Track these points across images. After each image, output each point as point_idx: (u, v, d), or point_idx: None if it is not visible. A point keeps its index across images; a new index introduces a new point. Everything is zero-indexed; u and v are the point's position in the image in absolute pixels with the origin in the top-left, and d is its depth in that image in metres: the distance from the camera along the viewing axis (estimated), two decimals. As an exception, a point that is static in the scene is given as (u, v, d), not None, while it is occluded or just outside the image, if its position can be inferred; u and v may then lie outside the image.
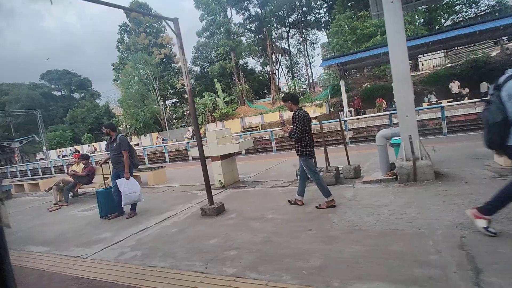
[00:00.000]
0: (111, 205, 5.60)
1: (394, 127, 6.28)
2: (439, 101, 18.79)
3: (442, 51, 24.58)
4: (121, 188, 5.31)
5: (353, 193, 4.68)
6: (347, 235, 3.19)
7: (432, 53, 23.96)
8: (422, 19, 28.52)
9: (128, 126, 36.90)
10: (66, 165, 20.49)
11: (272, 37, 42.87)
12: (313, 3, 42.92)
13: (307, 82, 42.95)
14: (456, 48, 22.37)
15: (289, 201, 4.66)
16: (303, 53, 44.21)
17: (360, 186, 5.01)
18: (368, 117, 17.79)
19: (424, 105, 19.04)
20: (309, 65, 43.26)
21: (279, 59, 46.23)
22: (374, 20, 24.96)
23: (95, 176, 8.17)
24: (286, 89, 46.18)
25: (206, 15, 34.82)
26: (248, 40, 38.48)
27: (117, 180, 5.37)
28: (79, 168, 8.12)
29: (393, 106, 21.09)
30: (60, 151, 40.60)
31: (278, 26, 46.43)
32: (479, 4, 29.22)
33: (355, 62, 19.12)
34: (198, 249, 3.43)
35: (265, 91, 47.60)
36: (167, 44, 41.40)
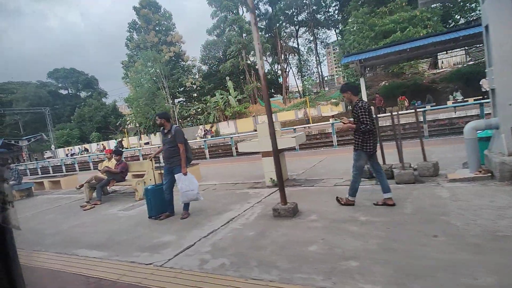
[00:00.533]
0: (161, 204, 5.04)
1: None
2: (465, 99, 18.16)
3: (464, 48, 23.96)
4: (179, 184, 4.76)
5: (450, 193, 4.08)
6: (495, 243, 2.60)
7: (452, 50, 23.33)
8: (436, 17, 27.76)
9: (137, 125, 36.43)
10: (92, 162, 20.05)
11: (282, 36, 42.37)
12: (322, 2, 42.29)
13: (318, 81, 42.33)
14: (478, 45, 21.71)
15: (375, 203, 4.09)
16: (313, 51, 43.62)
17: (451, 185, 4.41)
18: (401, 114, 17.03)
19: (449, 103, 18.44)
20: (319, 64, 42.63)
21: (288, 58, 45.70)
22: (394, 16, 24.37)
23: (128, 173, 7.64)
24: (295, 89, 45.72)
25: (218, 12, 34.28)
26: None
27: (175, 175, 4.81)
28: (111, 164, 7.59)
29: (416, 104, 20.49)
30: (68, 150, 40.19)
31: (287, 25, 45.91)
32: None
33: (378, 58, 18.47)
34: (301, 257, 2.86)
35: (272, 90, 47.05)
36: (176, 42, 40.97)
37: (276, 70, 45.48)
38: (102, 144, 37.72)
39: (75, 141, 51.69)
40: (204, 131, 29.52)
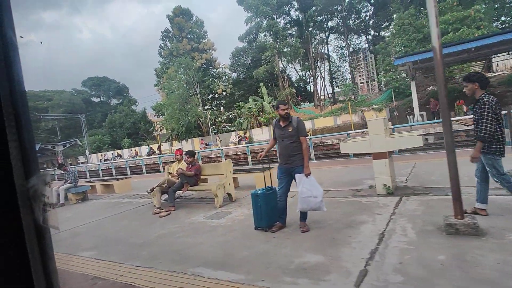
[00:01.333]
0: (272, 212, 4.16)
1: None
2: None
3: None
4: (299, 187, 3.88)
5: None
6: None
7: (508, 52, 21.54)
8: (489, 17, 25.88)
9: (169, 131, 36.42)
10: (162, 163, 19.77)
11: (312, 42, 41.50)
12: (358, 6, 41.14)
13: (354, 87, 40.92)
14: None
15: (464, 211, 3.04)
16: (346, 58, 42.40)
17: None
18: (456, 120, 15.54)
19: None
20: (354, 69, 41.29)
21: (319, 65, 44.62)
22: (445, 17, 22.89)
23: (200, 176, 6.88)
24: (324, 96, 44.50)
25: (254, 17, 33.99)
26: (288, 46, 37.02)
27: (296, 176, 3.93)
28: (182, 167, 6.87)
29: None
30: (102, 155, 40.82)
31: (317, 31, 45.03)
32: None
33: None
34: None
35: (300, 97, 45.99)
36: (208, 49, 41.09)
37: (304, 77, 44.53)
38: (135, 150, 37.98)
39: (106, 147, 52.79)
40: (239, 137, 28.89)
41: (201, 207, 6.21)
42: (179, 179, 6.56)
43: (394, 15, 26.04)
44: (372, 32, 44.70)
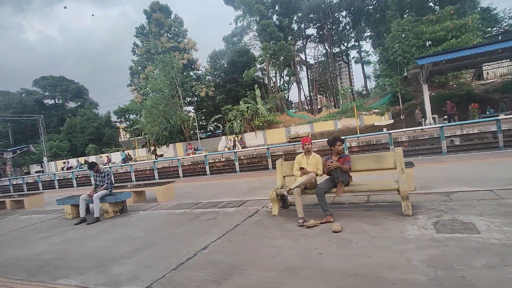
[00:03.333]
0: None
1: None
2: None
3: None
4: None
5: None
6: None
7: (498, 61, 22.62)
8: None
9: (148, 136, 32.85)
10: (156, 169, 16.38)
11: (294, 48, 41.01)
12: (330, 17, 41.42)
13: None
14: None
15: None
16: (330, 65, 42.56)
17: None
18: (472, 122, 15.28)
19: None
20: (338, 76, 41.51)
21: (298, 71, 44.19)
22: (445, 24, 23.44)
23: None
24: (307, 102, 44.07)
25: (247, 16, 32.33)
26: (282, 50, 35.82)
27: None
28: (314, 162, 4.90)
29: (488, 113, 19.09)
30: (64, 162, 35.58)
31: (297, 38, 44.83)
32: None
33: (459, 60, 16.97)
34: None
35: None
36: (189, 49, 38.50)
37: (291, 82, 43.81)
38: (107, 156, 33.66)
39: (65, 154, 46.75)
40: (234, 141, 26.74)
41: (369, 215, 4.30)
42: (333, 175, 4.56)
43: (392, 22, 26.14)
44: (351, 42, 45.72)
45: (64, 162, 35.28)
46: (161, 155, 30.45)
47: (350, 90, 32.01)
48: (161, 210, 6.77)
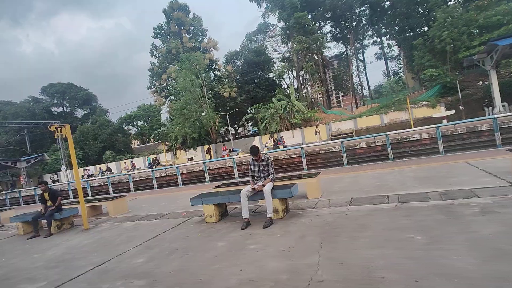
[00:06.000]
0: None
1: None
2: None
3: None
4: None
5: None
6: None
7: None
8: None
9: (173, 139, 31.09)
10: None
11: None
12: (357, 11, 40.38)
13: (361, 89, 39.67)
14: None
15: None
16: (353, 61, 41.31)
17: None
18: None
19: None
20: (362, 72, 40.27)
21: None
22: (500, 7, 22.16)
23: None
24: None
25: (275, 10, 30.92)
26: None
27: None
28: None
29: None
30: (84, 170, 33.67)
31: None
32: None
33: None
34: None
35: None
36: (211, 48, 37.05)
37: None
38: (132, 162, 31.85)
39: (78, 162, 44.78)
40: (274, 141, 25.11)
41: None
42: None
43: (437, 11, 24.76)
44: (370, 39, 44.59)
45: (84, 170, 33.33)
46: (191, 159, 28.71)
47: (396, 81, 30.38)
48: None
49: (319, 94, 33.30)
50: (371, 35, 43.70)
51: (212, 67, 37.82)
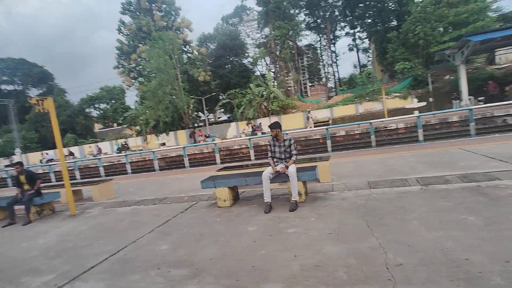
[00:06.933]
0: None
1: None
2: None
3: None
4: None
5: None
6: None
7: (508, 47, 23.28)
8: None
9: (144, 123, 29.48)
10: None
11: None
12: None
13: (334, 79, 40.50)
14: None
15: None
16: (326, 51, 41.82)
17: None
18: None
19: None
20: (334, 63, 40.97)
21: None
22: (469, 6, 23.40)
23: None
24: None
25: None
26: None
27: None
28: None
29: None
30: (43, 154, 30.87)
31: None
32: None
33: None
34: None
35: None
36: (184, 28, 35.33)
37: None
38: (97, 146, 29.81)
39: (34, 146, 41.14)
40: (252, 127, 24.79)
41: None
42: None
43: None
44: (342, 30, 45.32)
45: (42, 154, 30.58)
46: (163, 144, 27.53)
47: (371, 73, 31.13)
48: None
49: (294, 82, 33.29)
50: (343, 27, 44.44)
51: (186, 49, 36.16)
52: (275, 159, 5.06)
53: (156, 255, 3.50)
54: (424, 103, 21.25)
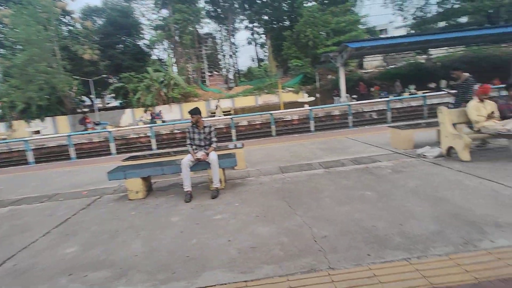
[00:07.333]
0: None
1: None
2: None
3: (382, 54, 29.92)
4: None
5: None
6: None
7: (373, 55, 28.87)
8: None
9: (8, 105, 23.82)
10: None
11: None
12: None
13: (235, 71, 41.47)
14: (392, 54, 28.10)
15: None
16: (226, 42, 42.27)
17: None
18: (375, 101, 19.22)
19: (406, 94, 22.63)
20: (234, 54, 41.89)
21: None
22: (347, 16, 27.40)
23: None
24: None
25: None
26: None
27: None
28: (491, 107, 5.13)
29: (382, 95, 23.93)
30: None
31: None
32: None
33: (381, 48, 20.41)
34: None
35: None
36: (63, -5, 29.82)
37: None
38: None
39: None
40: (151, 115, 23.15)
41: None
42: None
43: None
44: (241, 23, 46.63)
45: None
46: (37, 132, 22.96)
47: (267, 67, 32.75)
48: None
49: (193, 70, 32.58)
50: (242, 20, 45.77)
51: (66, 20, 30.67)
52: (194, 147, 4.91)
53: (62, 259, 2.95)
54: (313, 98, 24.08)
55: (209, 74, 42.55)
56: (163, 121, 22.24)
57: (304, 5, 30.07)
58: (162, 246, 3.02)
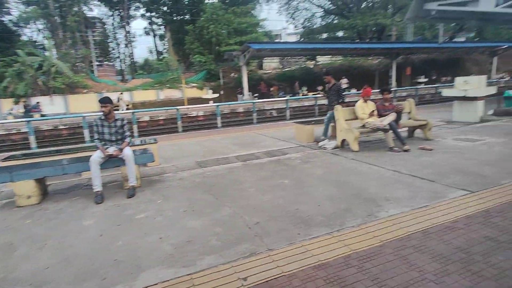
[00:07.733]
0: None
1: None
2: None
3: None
4: None
5: None
6: None
7: (271, 58, 31.38)
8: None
9: None
10: None
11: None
12: None
13: (131, 62, 38.02)
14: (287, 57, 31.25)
15: None
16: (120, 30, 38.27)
17: None
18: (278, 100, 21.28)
19: (301, 94, 25.44)
20: (130, 44, 38.39)
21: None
22: (248, 18, 28.58)
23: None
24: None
25: None
26: None
27: None
28: (370, 107, 6.36)
29: (280, 95, 26.04)
30: None
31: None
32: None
33: (279, 51, 22.00)
34: None
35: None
36: None
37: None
38: None
39: None
40: (25, 107, 19.18)
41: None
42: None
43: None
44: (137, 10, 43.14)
45: None
46: None
47: (171, 60, 30.91)
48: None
49: (82, 58, 28.52)
50: (138, 7, 42.45)
51: None
52: (103, 142, 4.40)
53: None
54: (217, 95, 24.30)
55: (98, 63, 37.92)
56: (42, 115, 18.76)
57: (206, 1, 29.88)
58: (80, 253, 2.66)
